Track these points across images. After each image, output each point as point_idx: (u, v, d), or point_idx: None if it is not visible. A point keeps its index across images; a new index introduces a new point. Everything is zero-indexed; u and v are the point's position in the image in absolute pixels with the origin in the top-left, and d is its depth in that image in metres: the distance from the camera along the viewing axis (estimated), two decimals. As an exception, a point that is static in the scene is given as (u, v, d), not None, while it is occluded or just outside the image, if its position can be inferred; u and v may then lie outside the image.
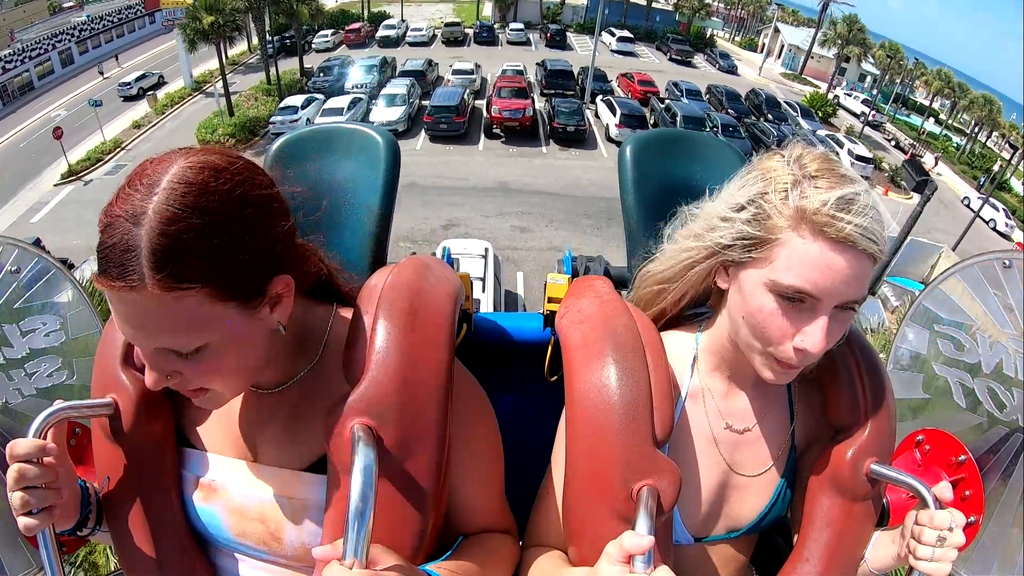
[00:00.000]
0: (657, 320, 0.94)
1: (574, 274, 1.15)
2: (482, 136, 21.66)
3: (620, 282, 1.11)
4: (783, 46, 42.80)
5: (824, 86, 35.45)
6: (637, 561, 0.67)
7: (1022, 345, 1.00)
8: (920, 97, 42.33)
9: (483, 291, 9.81)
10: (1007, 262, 1.02)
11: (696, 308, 0.95)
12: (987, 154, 34.57)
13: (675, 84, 28.56)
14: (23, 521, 0.70)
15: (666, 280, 0.89)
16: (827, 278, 0.72)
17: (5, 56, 26.90)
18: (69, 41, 31.17)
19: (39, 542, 0.72)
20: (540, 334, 1.19)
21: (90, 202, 16.53)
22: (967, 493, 0.98)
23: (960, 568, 1.00)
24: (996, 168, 28.75)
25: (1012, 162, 30.22)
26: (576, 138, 21.48)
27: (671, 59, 36.89)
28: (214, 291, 0.63)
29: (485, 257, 10.62)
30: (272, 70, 25.13)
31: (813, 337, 0.74)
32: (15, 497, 0.69)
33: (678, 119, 21.82)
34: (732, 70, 36.70)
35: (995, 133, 36.54)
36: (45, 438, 0.72)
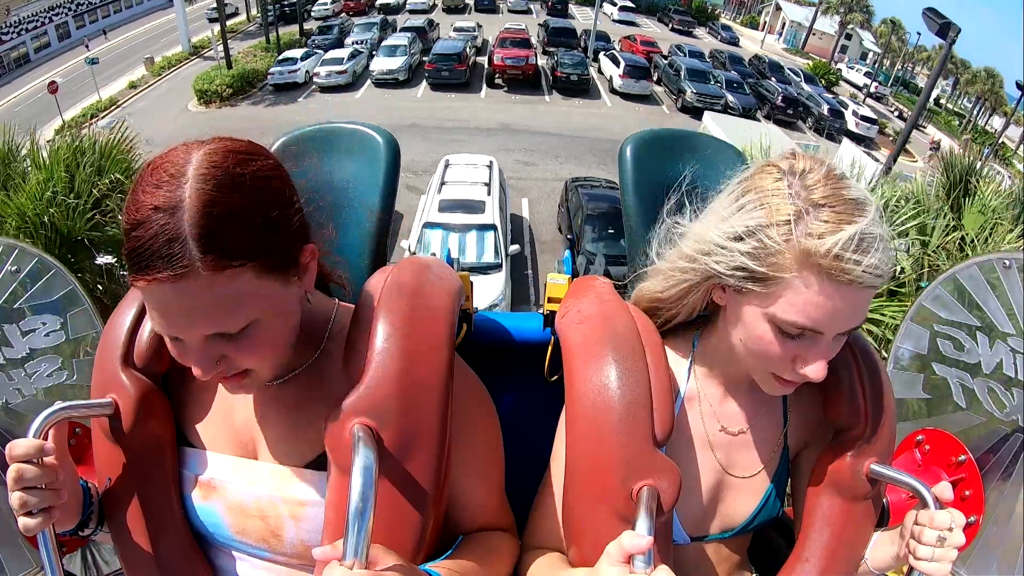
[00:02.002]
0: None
1: (574, 274, 1.15)
2: (484, 86, 21.40)
3: (620, 282, 1.11)
4: (784, 23, 42.74)
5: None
6: (637, 561, 0.67)
7: (1022, 345, 1.01)
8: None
9: (488, 193, 9.82)
10: (1007, 262, 1.02)
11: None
12: (988, 131, 34.54)
13: (678, 47, 28.33)
14: (23, 521, 0.70)
15: (662, 300, 0.88)
16: (831, 316, 0.71)
17: (1, 28, 26.83)
18: (66, 15, 31.05)
19: (39, 542, 0.72)
20: (540, 334, 1.19)
21: (83, 154, 16.80)
22: (967, 493, 0.98)
23: (960, 568, 1.00)
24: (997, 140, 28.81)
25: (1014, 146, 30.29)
26: (580, 87, 21.22)
27: (673, 29, 36.56)
28: (259, 265, 0.65)
29: (490, 168, 10.65)
30: (272, 35, 24.90)
31: (815, 367, 0.74)
32: (14, 497, 0.69)
33: (682, 72, 21.54)
34: (734, 42, 36.26)
35: (995, 114, 36.42)
36: (45, 438, 0.72)
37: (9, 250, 1.07)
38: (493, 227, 8.99)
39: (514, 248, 8.98)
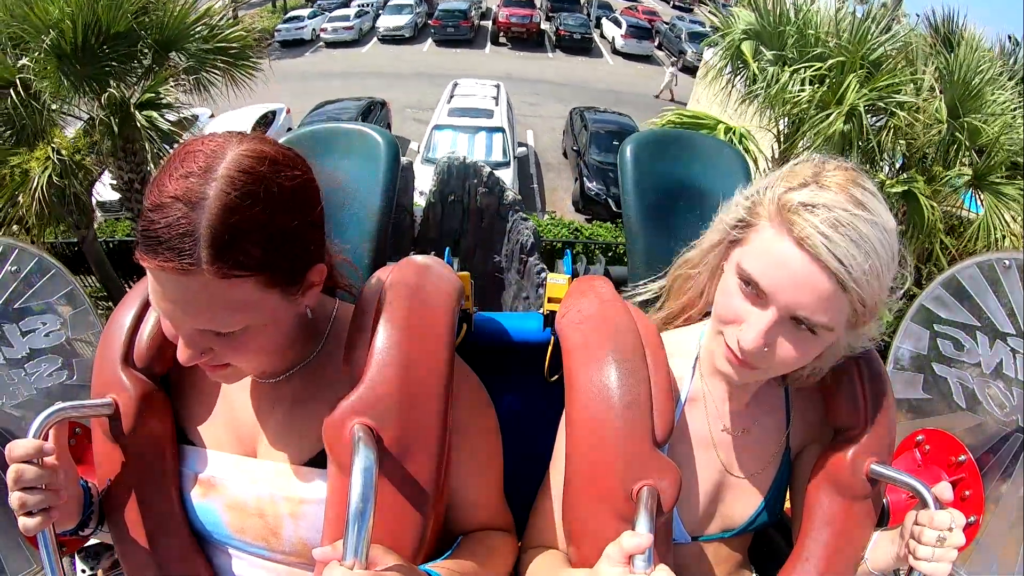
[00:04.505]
0: (679, 316, 0.96)
1: (574, 275, 1.15)
2: (488, 43, 21.87)
3: (620, 282, 1.11)
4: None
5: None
6: (637, 560, 0.67)
7: (1022, 345, 1.01)
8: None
9: (496, 104, 10.70)
10: (1007, 262, 1.02)
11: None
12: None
13: (679, 18, 28.61)
14: (23, 521, 0.70)
15: (695, 264, 0.90)
16: (779, 276, 0.70)
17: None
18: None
19: (39, 542, 0.72)
20: (540, 334, 1.19)
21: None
22: (967, 493, 0.99)
23: (960, 568, 1.00)
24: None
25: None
26: (582, 46, 21.66)
27: (674, 6, 36.95)
28: (264, 278, 0.65)
29: (498, 88, 11.44)
30: (279, 1, 25.22)
31: (749, 332, 0.73)
32: (14, 497, 0.69)
33: (683, 35, 21.88)
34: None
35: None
36: (46, 439, 0.72)
37: (9, 250, 1.07)
38: (501, 129, 9.59)
39: (521, 150, 9.68)
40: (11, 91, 4.55)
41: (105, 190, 6.16)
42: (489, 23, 23.41)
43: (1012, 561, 0.98)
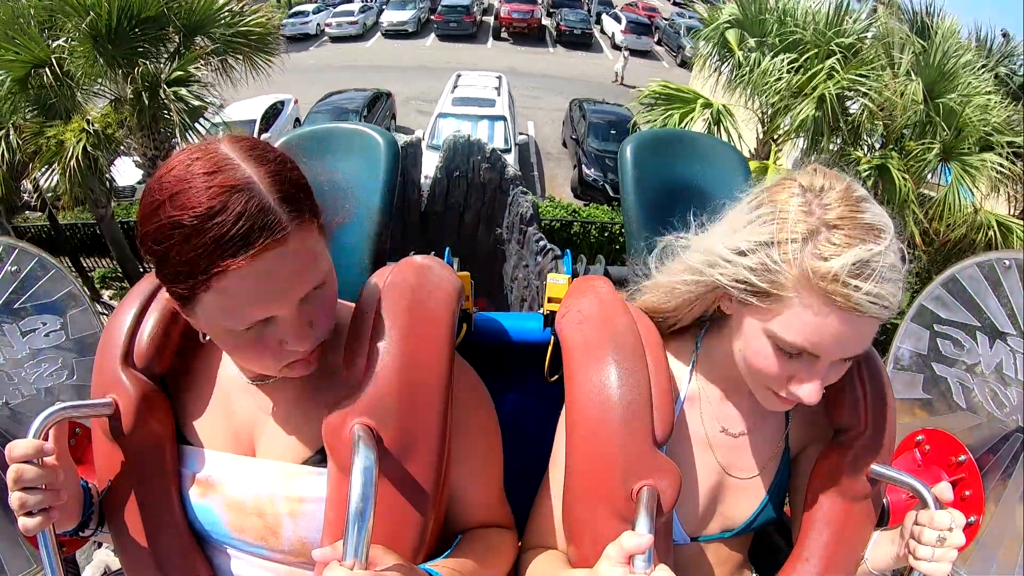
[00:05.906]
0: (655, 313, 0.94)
1: (574, 275, 1.15)
2: (490, 38, 22.30)
3: (620, 282, 1.11)
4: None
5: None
6: (637, 560, 0.68)
7: (1022, 345, 1.01)
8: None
9: (498, 95, 11.25)
10: (1007, 262, 1.02)
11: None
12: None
13: (679, 14, 28.86)
14: (23, 521, 0.70)
15: (664, 312, 0.88)
16: (829, 341, 0.69)
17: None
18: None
19: (39, 542, 0.72)
20: (540, 334, 1.19)
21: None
22: (967, 493, 0.98)
23: (960, 568, 1.00)
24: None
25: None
26: (583, 41, 22.09)
27: (673, 3, 37.12)
28: (319, 223, 0.70)
29: (500, 79, 11.97)
30: None
31: (808, 390, 0.73)
32: (14, 497, 0.69)
33: (682, 30, 22.12)
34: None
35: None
36: (46, 439, 0.72)
37: (9, 250, 1.07)
38: (503, 118, 10.08)
39: (522, 138, 10.23)
40: (46, 69, 4.84)
41: (118, 176, 6.36)
42: (491, 18, 23.70)
43: (1012, 561, 0.98)
